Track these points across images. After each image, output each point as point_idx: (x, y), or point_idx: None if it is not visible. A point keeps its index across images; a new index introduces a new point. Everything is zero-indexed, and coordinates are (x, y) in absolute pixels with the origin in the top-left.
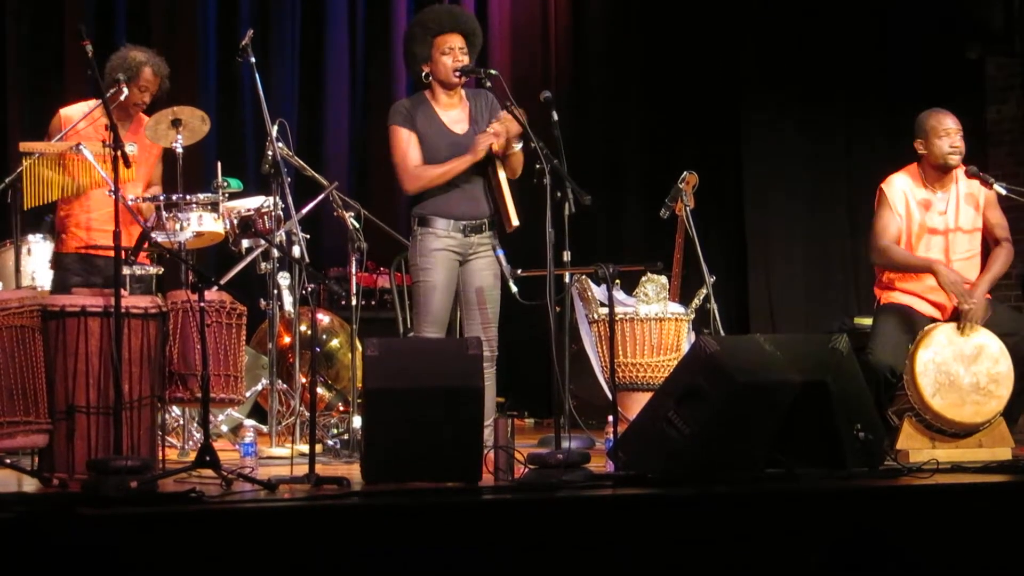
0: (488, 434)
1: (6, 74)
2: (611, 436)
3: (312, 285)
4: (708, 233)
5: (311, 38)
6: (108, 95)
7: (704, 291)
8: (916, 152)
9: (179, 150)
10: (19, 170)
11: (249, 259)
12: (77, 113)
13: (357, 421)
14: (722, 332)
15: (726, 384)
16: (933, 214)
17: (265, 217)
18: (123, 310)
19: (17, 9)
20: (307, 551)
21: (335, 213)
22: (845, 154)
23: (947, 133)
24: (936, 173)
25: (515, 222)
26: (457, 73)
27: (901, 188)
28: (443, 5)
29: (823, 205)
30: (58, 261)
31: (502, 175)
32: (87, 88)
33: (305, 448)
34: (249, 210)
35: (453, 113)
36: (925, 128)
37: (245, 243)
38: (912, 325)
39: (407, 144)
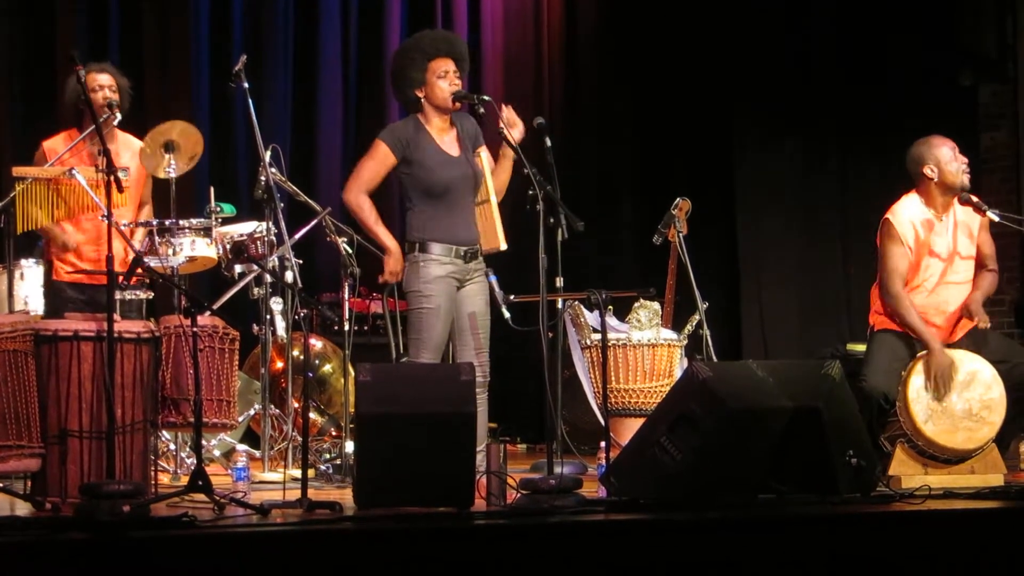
0: (480, 459)
1: None
2: (603, 462)
3: (305, 310)
4: (701, 259)
5: (304, 63)
6: (101, 120)
7: (697, 317)
8: (915, 179)
9: (172, 175)
10: (11, 195)
11: (242, 284)
12: (59, 143)
13: (349, 446)
14: (715, 358)
15: (718, 410)
16: (936, 238)
17: (258, 242)
18: (116, 335)
19: (9, 35)
20: None
21: (328, 238)
22: (838, 180)
23: (956, 157)
24: (941, 198)
25: (503, 245)
26: (453, 99)
27: (908, 217)
28: (436, 30)
29: (816, 231)
30: (52, 288)
31: (493, 199)
32: (79, 114)
33: (297, 473)
34: (242, 235)
35: (447, 136)
36: (935, 152)
37: (238, 268)
38: (905, 351)
39: (378, 163)
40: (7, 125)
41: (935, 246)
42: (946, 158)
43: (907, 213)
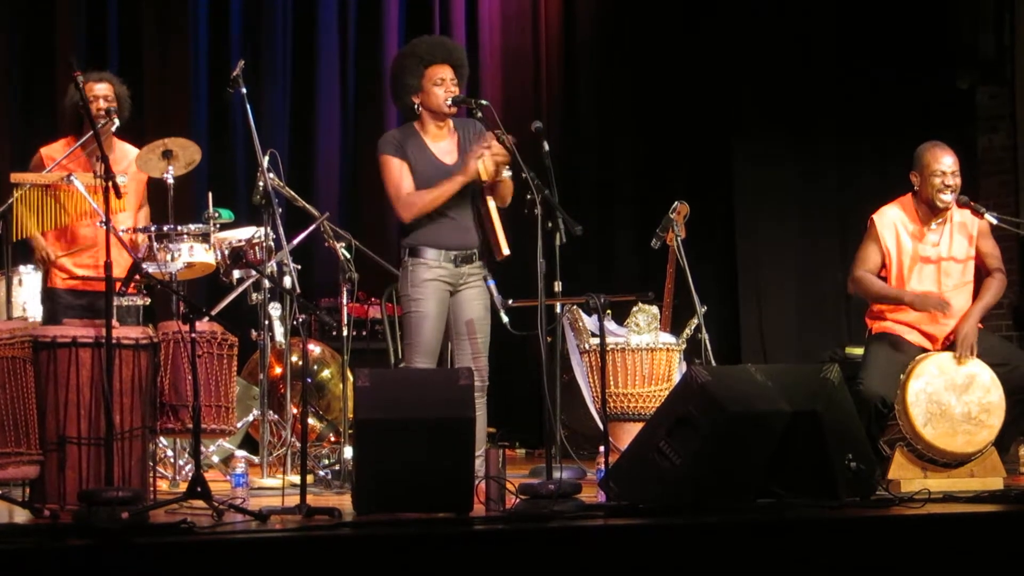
0: (479, 464)
1: None
2: (602, 466)
3: (303, 316)
4: (699, 263)
5: (302, 69)
6: (100, 126)
7: (695, 321)
8: (910, 182)
9: (170, 181)
10: (9, 201)
11: (240, 290)
12: (58, 150)
13: (348, 452)
14: (713, 362)
15: (717, 414)
16: (926, 244)
17: (256, 248)
18: (114, 341)
19: (8, 41)
20: None
21: (326, 244)
22: (836, 183)
23: (942, 173)
24: (924, 207)
25: (505, 251)
26: (449, 103)
27: (892, 219)
28: (433, 36)
29: (814, 234)
30: (49, 294)
31: (492, 204)
32: (78, 120)
33: (296, 479)
34: (240, 241)
35: (443, 144)
36: (922, 162)
37: (236, 274)
38: (903, 355)
39: (399, 173)
40: (6, 132)
41: (925, 252)
42: (929, 173)
43: (892, 215)
